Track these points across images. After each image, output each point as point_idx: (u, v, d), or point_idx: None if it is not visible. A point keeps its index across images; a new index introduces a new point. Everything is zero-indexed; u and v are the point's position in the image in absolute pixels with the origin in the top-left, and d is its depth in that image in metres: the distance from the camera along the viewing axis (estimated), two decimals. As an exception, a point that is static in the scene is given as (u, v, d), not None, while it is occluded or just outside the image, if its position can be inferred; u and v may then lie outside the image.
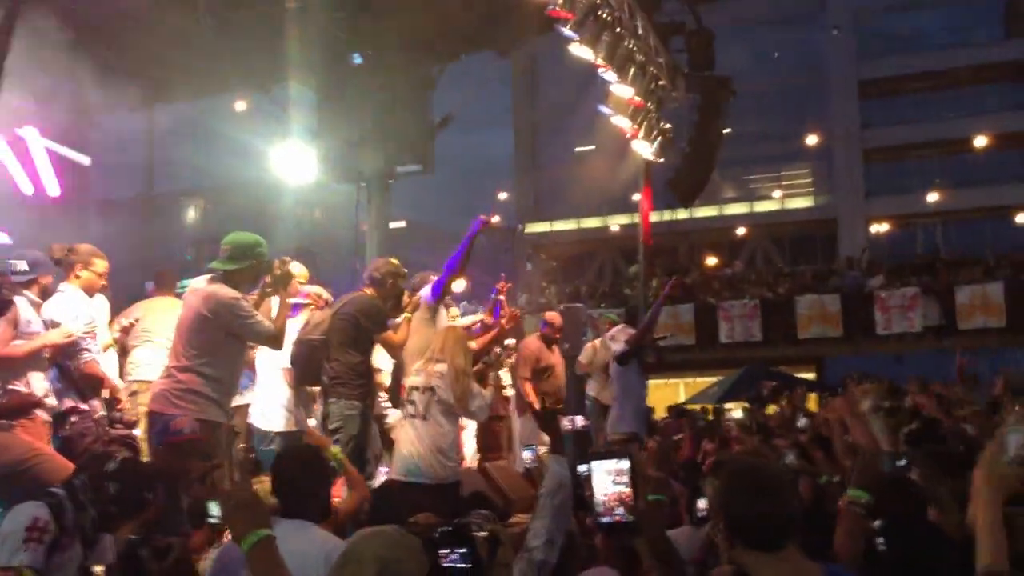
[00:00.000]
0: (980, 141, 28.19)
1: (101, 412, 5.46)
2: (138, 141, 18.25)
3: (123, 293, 6.24)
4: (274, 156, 12.81)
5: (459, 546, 2.40)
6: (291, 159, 12.72)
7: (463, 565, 2.38)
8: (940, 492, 3.33)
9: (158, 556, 2.95)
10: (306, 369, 6.66)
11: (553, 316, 9.27)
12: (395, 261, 6.47)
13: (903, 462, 3.40)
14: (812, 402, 14.93)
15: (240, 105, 16.54)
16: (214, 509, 3.63)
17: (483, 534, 2.74)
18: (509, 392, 8.55)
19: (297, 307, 6.34)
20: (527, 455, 6.56)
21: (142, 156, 18.95)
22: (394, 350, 6.20)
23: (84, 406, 5.30)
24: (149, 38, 11.86)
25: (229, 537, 3.59)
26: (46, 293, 5.10)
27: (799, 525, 2.22)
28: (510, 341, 8.33)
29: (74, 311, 5.34)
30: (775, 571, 2.16)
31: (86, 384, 5.38)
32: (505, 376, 8.44)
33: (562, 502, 3.21)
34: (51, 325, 5.20)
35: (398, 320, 6.35)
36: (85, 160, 9.17)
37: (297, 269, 6.77)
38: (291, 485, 3.34)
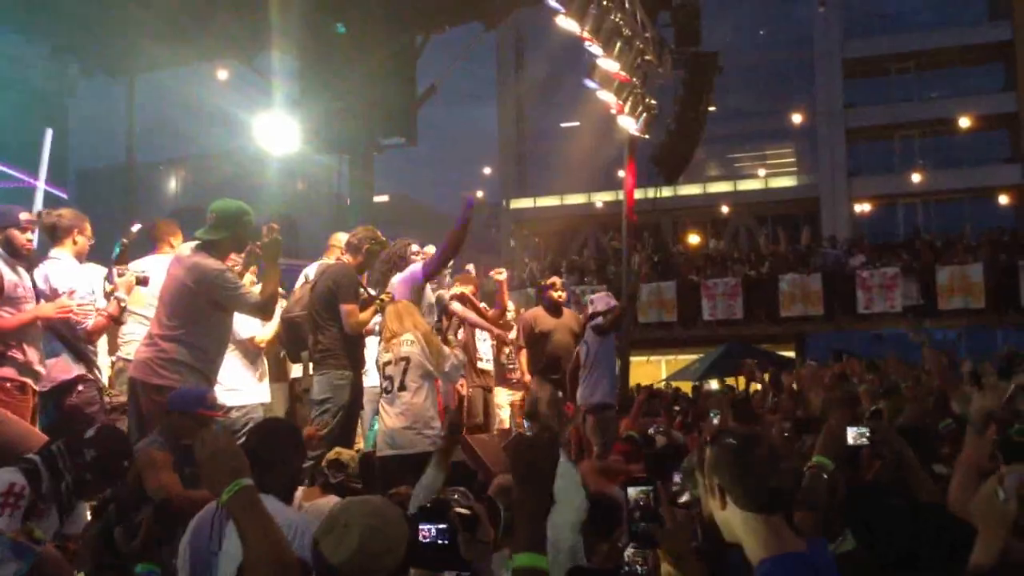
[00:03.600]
0: (963, 122, 28.29)
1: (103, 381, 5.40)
2: (119, 110, 18.01)
3: (104, 264, 6.12)
4: (257, 126, 12.69)
5: (438, 522, 2.38)
6: (274, 129, 12.61)
7: (441, 541, 2.35)
8: (909, 460, 3.44)
9: (129, 535, 2.90)
10: (291, 346, 6.63)
11: (555, 279, 9.24)
12: (372, 228, 6.41)
13: (866, 432, 3.49)
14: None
15: (222, 74, 16.35)
16: None
17: (463, 511, 2.73)
18: (487, 365, 8.50)
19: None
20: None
21: (123, 125, 18.68)
22: (355, 325, 6.01)
23: (90, 375, 5.22)
24: (130, 5, 11.69)
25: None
26: (13, 249, 4.90)
27: (792, 498, 2.27)
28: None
29: (76, 279, 5.24)
30: (766, 532, 2.18)
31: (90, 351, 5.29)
32: (485, 349, 8.43)
33: None
34: (54, 293, 5.11)
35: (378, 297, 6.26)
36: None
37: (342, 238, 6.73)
38: (255, 456, 3.31)
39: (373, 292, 6.29)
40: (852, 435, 3.42)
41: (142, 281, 5.48)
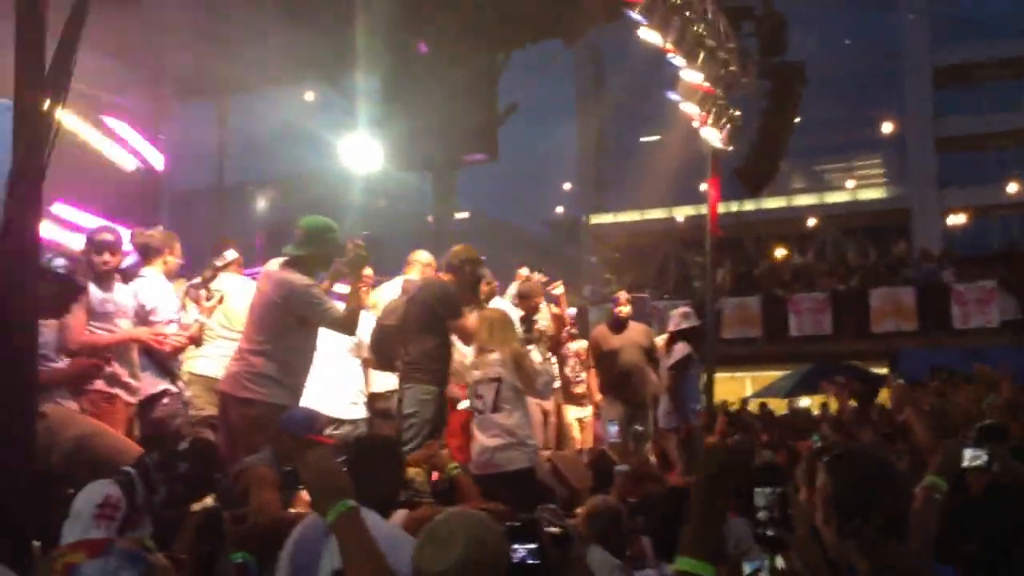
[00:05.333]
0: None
1: (188, 393, 5.51)
2: (210, 131, 18.52)
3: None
4: (342, 146, 12.91)
5: (528, 541, 2.33)
6: (358, 148, 12.80)
7: (532, 561, 2.31)
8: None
9: (236, 520, 2.94)
10: (381, 354, 6.70)
11: (620, 294, 9.12)
12: (472, 248, 6.45)
13: (983, 456, 3.32)
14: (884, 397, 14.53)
15: (309, 95, 16.69)
16: None
17: (554, 530, 2.68)
18: (556, 383, 8.43)
19: None
20: (612, 429, 6.65)
21: (214, 145, 19.21)
22: (467, 337, 6.15)
23: (174, 388, 5.35)
24: (221, 28, 12.02)
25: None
26: (92, 269, 5.03)
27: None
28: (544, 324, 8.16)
29: (164, 299, 5.38)
30: (889, 561, 2.08)
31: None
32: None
33: None
34: (142, 310, 5.26)
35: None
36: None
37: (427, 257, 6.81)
38: (355, 467, 3.32)
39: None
40: (968, 456, 3.26)
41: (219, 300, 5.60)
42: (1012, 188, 28.15)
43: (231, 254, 6.49)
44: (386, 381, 6.80)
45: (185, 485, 3.38)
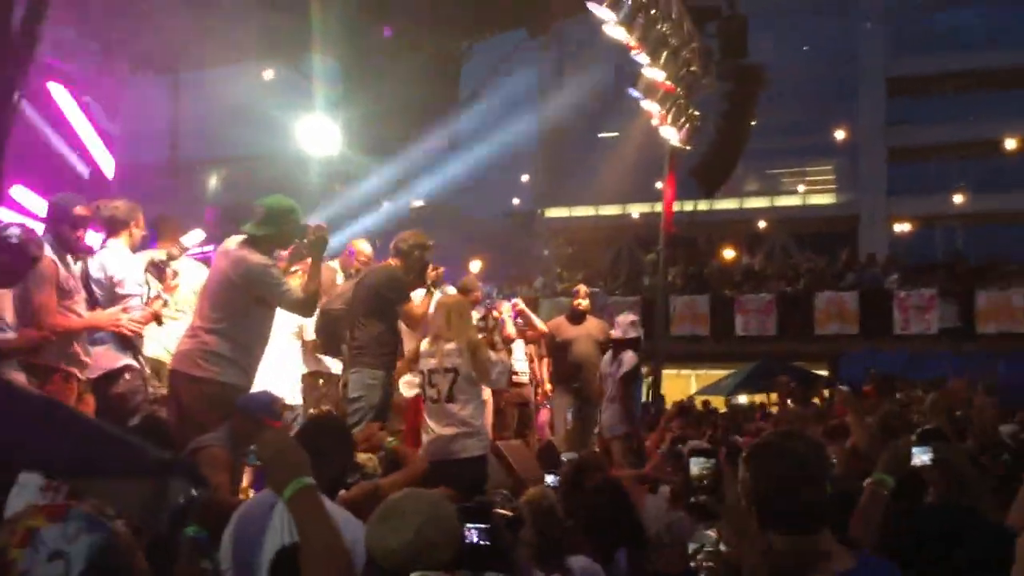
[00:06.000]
0: (1009, 144, 27.86)
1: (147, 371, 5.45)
2: (164, 106, 18.23)
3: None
4: (299, 127, 12.80)
5: (481, 522, 2.37)
6: (315, 130, 12.71)
7: (484, 542, 2.34)
8: (969, 478, 3.40)
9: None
10: (328, 339, 6.68)
11: (579, 287, 9.18)
12: (422, 234, 6.45)
13: (927, 453, 3.45)
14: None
15: (267, 75, 16.50)
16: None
17: (506, 512, 2.72)
18: (523, 378, 8.48)
19: None
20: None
21: (166, 122, 18.91)
22: (414, 322, 6.17)
23: (136, 364, 5.28)
24: (181, 2, 11.82)
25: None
26: (62, 243, 4.96)
27: (831, 509, 2.24)
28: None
29: (130, 271, 5.32)
30: (808, 554, 2.15)
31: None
32: (521, 365, 8.44)
33: None
34: (110, 282, 5.21)
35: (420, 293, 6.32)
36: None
37: (364, 247, 6.87)
38: (305, 449, 3.33)
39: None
40: (916, 456, 3.37)
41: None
42: (958, 199, 28.84)
43: (198, 235, 6.41)
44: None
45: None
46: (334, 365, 6.91)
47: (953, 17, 30.39)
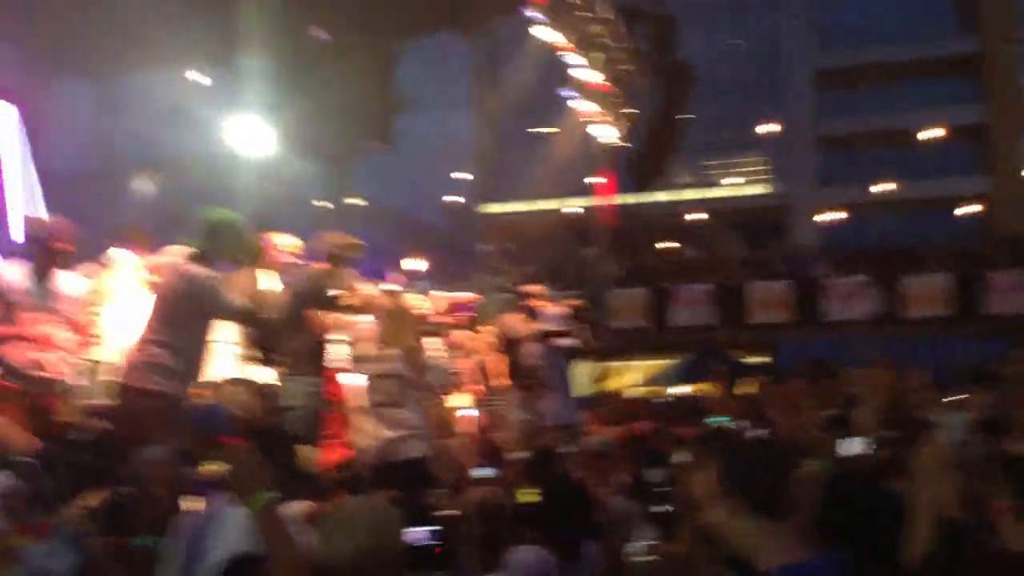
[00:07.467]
0: (931, 133, 28.73)
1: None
2: (91, 112, 17.86)
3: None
4: (230, 129, 12.64)
5: (425, 525, 2.45)
6: (248, 132, 12.57)
7: (429, 543, 2.43)
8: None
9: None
10: (264, 348, 6.64)
11: (534, 287, 9.25)
12: (345, 235, 6.42)
13: (870, 443, 3.58)
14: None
15: (197, 78, 16.25)
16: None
17: (449, 514, 2.80)
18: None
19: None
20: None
21: (95, 128, 18.53)
22: (319, 329, 6.01)
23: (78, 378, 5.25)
24: (105, 4, 11.63)
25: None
26: None
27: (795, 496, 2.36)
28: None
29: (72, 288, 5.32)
30: (781, 537, 2.26)
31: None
32: None
33: None
34: (66, 299, 5.22)
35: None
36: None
37: (289, 241, 6.78)
38: None
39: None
40: (856, 444, 3.49)
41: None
42: (884, 188, 29.63)
43: (124, 254, 6.29)
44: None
45: (87, 476, 3.36)
46: (256, 373, 6.88)
47: (872, 11, 31.25)
